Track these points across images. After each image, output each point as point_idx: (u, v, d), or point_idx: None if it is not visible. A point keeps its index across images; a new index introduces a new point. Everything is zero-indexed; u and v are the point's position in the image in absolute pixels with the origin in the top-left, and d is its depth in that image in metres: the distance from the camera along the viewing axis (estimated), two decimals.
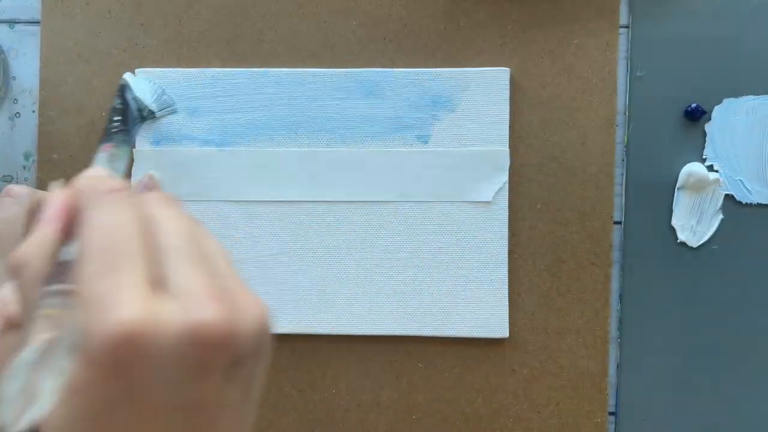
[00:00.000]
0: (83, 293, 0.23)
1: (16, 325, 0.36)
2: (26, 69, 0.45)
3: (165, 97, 0.43)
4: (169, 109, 0.43)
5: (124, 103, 0.41)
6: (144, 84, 0.43)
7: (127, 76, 0.42)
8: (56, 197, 0.28)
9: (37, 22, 0.44)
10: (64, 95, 0.44)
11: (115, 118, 0.40)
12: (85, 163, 0.44)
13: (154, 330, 0.22)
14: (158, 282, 0.24)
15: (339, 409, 0.44)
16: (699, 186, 0.43)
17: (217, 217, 0.43)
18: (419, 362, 0.43)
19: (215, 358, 0.22)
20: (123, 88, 0.42)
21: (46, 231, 0.28)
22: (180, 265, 0.24)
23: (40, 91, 0.44)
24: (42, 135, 0.44)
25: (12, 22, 0.45)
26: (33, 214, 0.40)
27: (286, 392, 0.44)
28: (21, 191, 0.40)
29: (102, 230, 0.25)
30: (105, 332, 0.22)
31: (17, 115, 0.45)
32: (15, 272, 0.28)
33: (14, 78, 0.45)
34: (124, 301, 0.22)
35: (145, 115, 0.42)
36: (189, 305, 0.22)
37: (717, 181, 0.43)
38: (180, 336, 0.22)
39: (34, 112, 0.44)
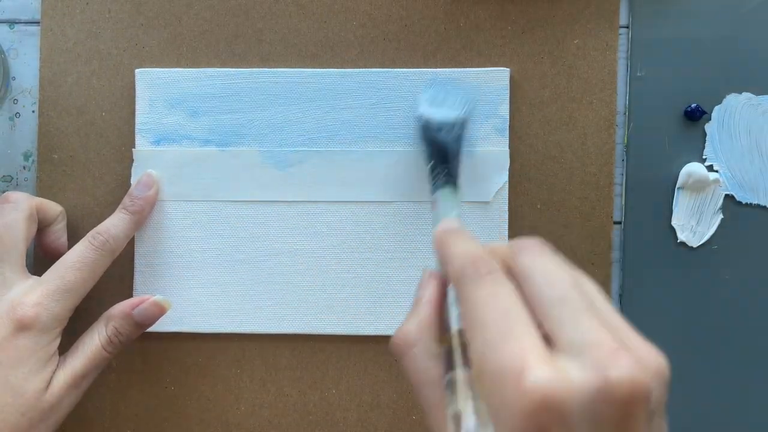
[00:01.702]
0: (484, 365, 0.23)
1: (27, 327, 0.36)
2: (26, 69, 0.45)
3: (462, 99, 0.41)
4: (471, 107, 0.41)
5: (432, 142, 0.39)
6: (438, 98, 0.41)
7: (423, 110, 0.40)
8: (430, 280, 0.29)
9: (37, 22, 0.44)
10: (64, 95, 0.44)
11: (432, 165, 0.39)
12: (85, 163, 0.44)
13: (569, 392, 0.21)
14: (548, 339, 0.23)
15: (339, 409, 0.44)
16: (699, 186, 0.43)
17: (218, 216, 0.43)
18: None
19: (634, 415, 0.21)
20: (423, 128, 0.40)
21: (426, 311, 0.28)
22: (574, 319, 0.23)
23: (40, 91, 0.44)
24: (42, 135, 0.44)
25: (12, 22, 0.45)
26: (32, 219, 0.40)
27: (286, 392, 0.44)
28: (19, 197, 0.40)
29: (485, 302, 0.24)
30: (522, 400, 0.21)
31: (17, 115, 0.45)
32: (401, 351, 0.28)
33: (14, 78, 0.45)
34: (533, 365, 0.21)
35: (458, 127, 0.39)
36: (598, 362, 0.21)
37: (717, 181, 0.43)
38: (594, 395, 0.21)
39: (34, 112, 0.44)
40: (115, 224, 0.41)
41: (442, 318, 0.29)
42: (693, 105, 0.43)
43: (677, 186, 0.43)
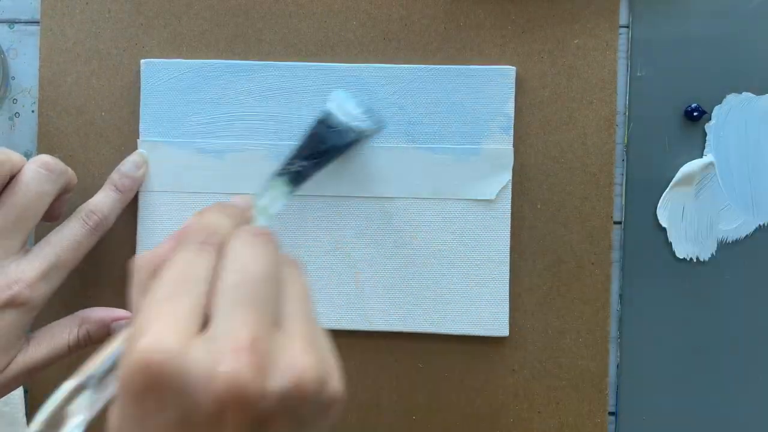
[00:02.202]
0: (135, 317, 0.23)
1: (17, 305, 0.36)
2: (26, 69, 0.45)
3: (372, 111, 0.41)
4: (379, 124, 0.41)
5: (317, 133, 0.40)
6: (349, 102, 0.41)
7: (332, 99, 0.41)
8: (187, 224, 0.28)
9: (36, 22, 0.44)
10: (64, 95, 0.44)
11: (295, 154, 0.39)
12: (85, 162, 0.44)
13: (172, 366, 0.21)
14: (207, 321, 0.23)
15: None
16: (691, 178, 0.42)
17: None
18: (419, 362, 0.43)
19: (233, 414, 0.21)
20: (319, 119, 0.40)
21: (165, 247, 0.28)
22: (227, 308, 0.23)
23: (39, 91, 0.44)
24: (42, 135, 0.44)
25: (11, 22, 0.45)
26: (65, 192, 0.40)
27: None
28: (59, 169, 0.38)
29: (177, 264, 0.25)
30: (129, 359, 0.22)
31: (17, 115, 0.45)
32: (130, 272, 0.28)
33: (14, 78, 0.45)
34: (154, 331, 0.22)
35: (347, 138, 0.40)
36: (218, 353, 0.22)
37: (711, 165, 0.43)
38: (194, 381, 0.21)
39: (33, 112, 0.44)
40: (106, 203, 0.40)
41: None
42: (693, 105, 0.43)
43: (671, 185, 0.43)
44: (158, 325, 0.22)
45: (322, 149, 0.40)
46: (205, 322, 0.23)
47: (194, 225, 0.28)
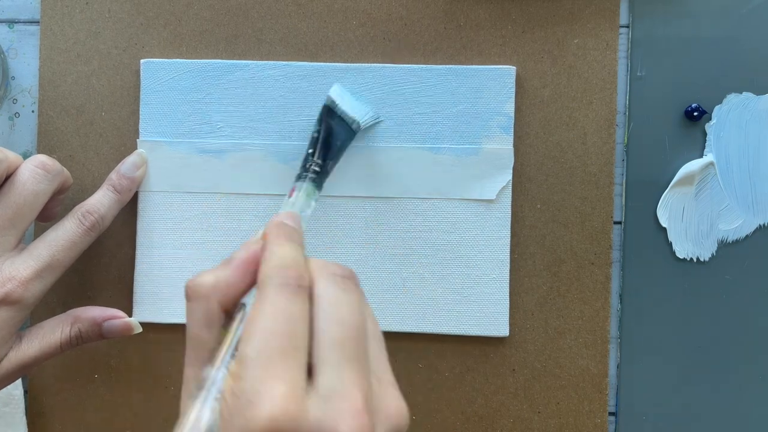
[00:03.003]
0: (241, 372, 0.23)
1: (10, 303, 0.36)
2: (26, 69, 0.45)
3: (368, 102, 0.42)
4: (376, 118, 0.42)
5: (328, 128, 0.40)
6: (347, 95, 0.41)
7: (333, 92, 0.41)
8: (253, 246, 0.28)
9: (36, 22, 0.44)
10: (64, 95, 0.44)
11: (312, 151, 0.39)
12: (85, 162, 0.44)
13: (297, 428, 0.22)
14: (310, 371, 0.24)
15: None
16: (691, 178, 0.42)
17: (221, 209, 0.43)
18: (419, 362, 0.43)
19: None
20: (328, 110, 0.41)
21: (229, 275, 0.27)
22: (334, 364, 0.24)
23: (39, 90, 0.44)
24: (42, 135, 0.44)
25: (11, 22, 0.45)
26: (59, 193, 0.40)
27: None
28: (56, 169, 0.39)
29: (275, 314, 0.24)
30: (251, 421, 0.22)
31: (17, 115, 0.45)
32: (188, 295, 0.27)
33: (14, 78, 0.45)
34: (276, 395, 0.22)
35: (354, 130, 0.40)
36: (336, 413, 0.22)
37: (711, 165, 0.43)
38: None
39: (33, 112, 0.44)
40: (103, 203, 0.40)
41: (239, 295, 0.28)
42: (693, 105, 0.43)
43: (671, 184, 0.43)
44: (278, 388, 0.22)
45: (337, 144, 0.40)
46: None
47: (273, 261, 0.27)
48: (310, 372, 0.24)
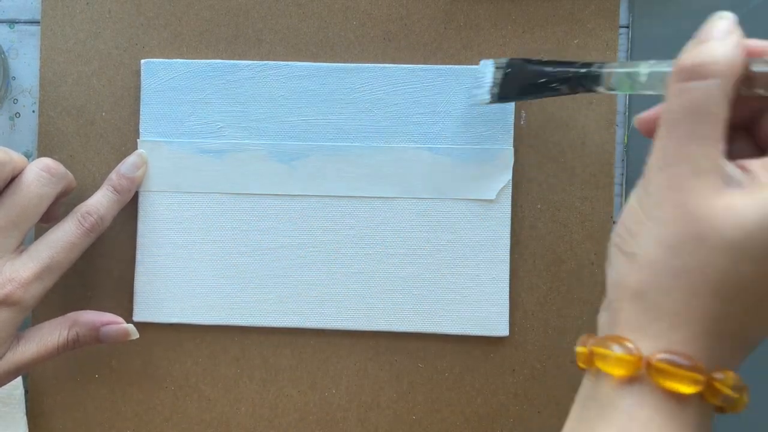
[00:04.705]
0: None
1: (10, 305, 0.37)
2: (26, 69, 0.45)
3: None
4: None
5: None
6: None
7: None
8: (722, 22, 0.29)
9: (37, 22, 0.44)
10: (64, 95, 0.44)
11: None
12: (85, 162, 0.44)
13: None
14: None
15: (339, 409, 0.44)
16: None
17: (221, 209, 0.43)
18: (419, 362, 0.43)
19: None
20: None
21: (736, 41, 0.28)
22: None
23: (40, 91, 0.44)
24: (42, 135, 0.44)
25: (12, 22, 0.45)
26: (62, 196, 0.40)
27: (286, 392, 0.44)
28: (61, 173, 0.39)
29: None
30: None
31: (17, 115, 0.45)
32: (697, 73, 0.28)
33: (14, 78, 0.45)
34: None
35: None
36: None
37: None
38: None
39: (34, 112, 0.44)
40: (102, 204, 0.40)
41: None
42: None
43: None
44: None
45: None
46: None
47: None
48: None
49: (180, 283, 0.43)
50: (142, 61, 0.43)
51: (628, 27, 0.44)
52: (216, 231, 0.43)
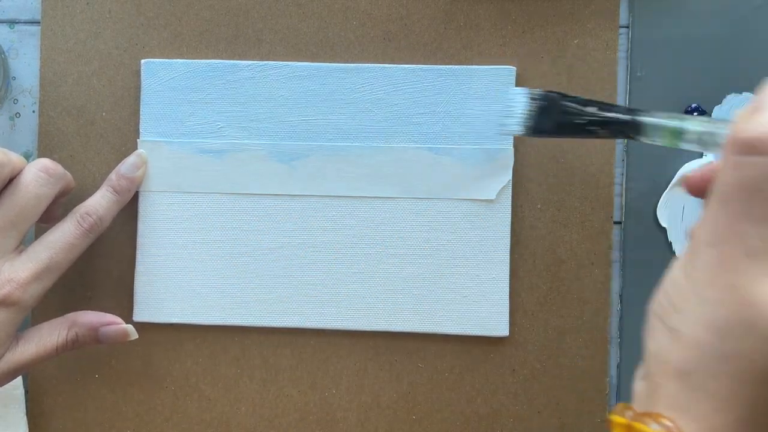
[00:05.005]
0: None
1: (8, 305, 0.37)
2: (26, 69, 0.45)
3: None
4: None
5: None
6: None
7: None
8: None
9: (37, 22, 0.44)
10: (64, 95, 0.44)
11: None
12: (85, 163, 0.44)
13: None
14: None
15: (339, 409, 0.44)
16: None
17: (221, 209, 0.43)
18: (419, 362, 0.43)
19: None
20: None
21: None
22: None
23: (40, 91, 0.44)
24: (42, 135, 0.44)
25: (12, 22, 0.45)
26: (61, 196, 0.40)
27: (286, 392, 0.44)
28: (59, 173, 0.39)
29: None
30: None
31: (17, 115, 0.45)
32: (755, 148, 0.26)
33: (14, 78, 0.45)
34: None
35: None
36: None
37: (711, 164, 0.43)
38: None
39: (34, 112, 0.44)
40: (102, 204, 0.40)
41: None
42: (693, 105, 0.43)
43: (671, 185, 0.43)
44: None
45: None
46: None
47: None
48: None
49: (180, 283, 0.43)
50: (142, 61, 0.43)
51: (628, 27, 0.44)
52: (216, 231, 0.43)
